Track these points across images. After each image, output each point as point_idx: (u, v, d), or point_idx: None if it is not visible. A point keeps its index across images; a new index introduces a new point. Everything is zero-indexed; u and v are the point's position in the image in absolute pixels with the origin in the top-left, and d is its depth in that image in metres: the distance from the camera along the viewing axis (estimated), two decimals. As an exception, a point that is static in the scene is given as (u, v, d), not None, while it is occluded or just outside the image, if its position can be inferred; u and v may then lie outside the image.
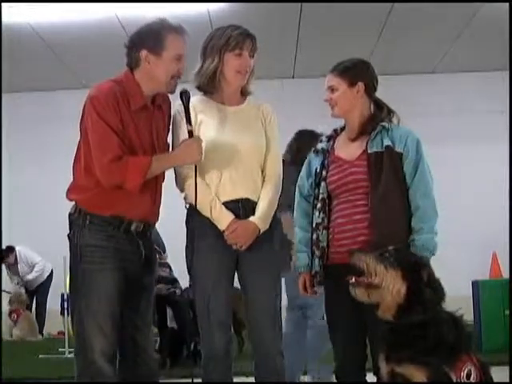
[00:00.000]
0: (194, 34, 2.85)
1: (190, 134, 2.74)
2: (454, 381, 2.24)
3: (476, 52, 9.44)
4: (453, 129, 9.91)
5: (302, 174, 2.97)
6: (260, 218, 2.78)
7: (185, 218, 2.88)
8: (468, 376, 2.26)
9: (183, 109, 2.77)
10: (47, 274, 9.66)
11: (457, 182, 8.94)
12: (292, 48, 9.24)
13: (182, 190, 2.85)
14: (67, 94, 10.26)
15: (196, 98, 2.89)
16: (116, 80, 2.71)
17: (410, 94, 9.80)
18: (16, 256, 9.64)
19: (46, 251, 9.49)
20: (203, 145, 2.74)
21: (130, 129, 2.66)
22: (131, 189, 2.65)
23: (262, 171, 2.87)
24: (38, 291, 9.75)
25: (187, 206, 2.87)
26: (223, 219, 2.75)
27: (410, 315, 2.30)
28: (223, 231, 2.75)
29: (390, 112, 2.87)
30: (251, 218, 2.78)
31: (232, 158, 2.78)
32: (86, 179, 2.69)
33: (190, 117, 2.76)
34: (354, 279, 2.39)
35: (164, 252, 6.27)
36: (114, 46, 9.65)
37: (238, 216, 2.77)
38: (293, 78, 10.40)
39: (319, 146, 2.93)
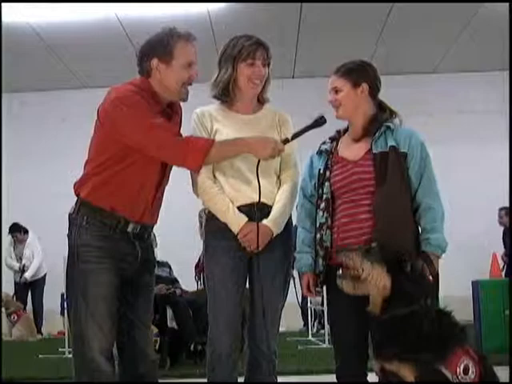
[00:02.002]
0: (194, 34, 2.85)
1: (286, 140, 2.76)
2: (450, 377, 2.22)
3: (476, 52, 9.45)
4: (453, 129, 9.92)
5: (304, 175, 2.98)
6: (273, 221, 2.81)
7: (186, 220, 2.89)
8: (465, 371, 2.24)
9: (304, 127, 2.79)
10: (43, 273, 9.69)
11: (457, 182, 8.94)
12: (292, 48, 9.25)
13: (198, 196, 2.89)
14: (67, 94, 10.29)
15: (212, 107, 2.95)
16: (134, 83, 2.75)
17: (410, 94, 9.80)
18: (27, 240, 9.71)
19: (45, 251, 9.52)
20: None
21: None
22: (192, 168, 2.71)
23: (278, 177, 2.91)
24: (33, 291, 9.78)
25: (205, 211, 2.92)
26: (236, 222, 2.79)
27: (393, 309, 2.31)
28: (237, 234, 2.79)
29: (393, 113, 2.88)
30: (264, 221, 2.80)
31: (247, 164, 2.81)
32: (90, 171, 2.72)
33: (300, 135, 2.78)
34: (341, 271, 2.45)
35: None
36: (114, 46, 9.63)
37: (252, 220, 2.80)
38: (293, 78, 10.41)
39: (322, 147, 2.94)
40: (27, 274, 9.60)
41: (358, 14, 8.09)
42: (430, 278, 2.58)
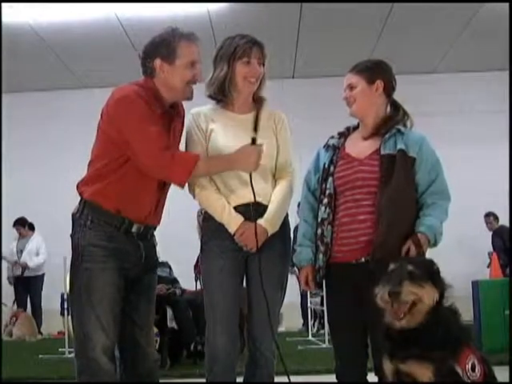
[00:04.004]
0: (196, 34, 2.85)
1: (253, 141, 2.75)
2: (460, 373, 2.24)
3: (476, 52, 9.45)
4: (453, 129, 9.92)
5: (309, 168, 2.98)
6: (268, 221, 2.80)
7: (186, 220, 2.88)
8: (473, 368, 2.27)
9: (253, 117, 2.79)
10: (41, 272, 9.69)
11: (457, 182, 8.91)
12: (292, 48, 9.25)
13: (194, 197, 2.89)
14: (67, 94, 10.29)
15: (207, 107, 2.94)
16: (138, 84, 2.75)
17: (410, 94, 9.67)
18: (31, 236, 9.74)
19: (45, 251, 9.53)
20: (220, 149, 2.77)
21: None
22: (177, 183, 2.69)
23: (274, 176, 2.91)
24: (30, 290, 9.77)
25: (202, 211, 2.91)
26: (233, 222, 2.78)
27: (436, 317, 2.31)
28: (233, 234, 2.78)
29: (405, 114, 2.88)
30: (259, 221, 2.80)
31: None
32: (95, 173, 2.71)
33: (257, 124, 2.78)
34: (395, 311, 2.32)
35: None
36: (114, 46, 9.62)
37: (248, 219, 2.80)
38: (293, 78, 10.41)
39: (330, 141, 2.94)
40: (29, 264, 9.59)
41: (358, 13, 8.09)
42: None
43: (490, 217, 9.27)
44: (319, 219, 2.82)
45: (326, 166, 2.85)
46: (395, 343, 2.32)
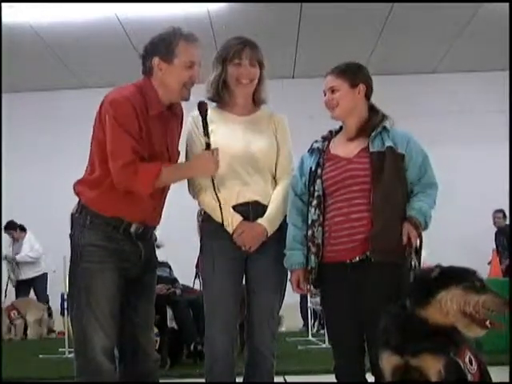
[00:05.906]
0: (196, 36, 2.85)
1: (208, 146, 2.76)
2: (462, 366, 2.28)
3: (476, 52, 9.46)
4: (453, 129, 9.93)
5: (295, 173, 2.98)
6: (268, 220, 2.81)
7: (186, 220, 2.87)
8: (470, 362, 2.31)
9: (200, 120, 2.79)
10: (41, 271, 9.67)
11: (457, 182, 8.94)
12: (292, 48, 9.26)
13: (194, 197, 2.90)
14: (67, 94, 10.29)
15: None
16: (136, 85, 2.75)
17: (409, 94, 9.82)
18: (24, 237, 9.72)
19: (45, 251, 9.52)
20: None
21: (145, 134, 2.68)
22: (142, 194, 2.69)
23: (274, 176, 2.92)
24: (34, 290, 9.74)
25: (201, 211, 2.92)
26: (231, 222, 2.79)
27: None
28: (232, 234, 2.79)
29: (384, 116, 2.90)
30: (259, 220, 2.81)
31: (242, 164, 2.82)
32: (91, 177, 2.72)
33: (207, 129, 2.78)
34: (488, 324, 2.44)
35: None
36: (114, 46, 9.62)
37: (247, 219, 2.81)
38: (293, 78, 10.42)
39: (315, 145, 2.95)
40: (17, 256, 9.58)
41: (358, 13, 8.09)
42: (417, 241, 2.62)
43: (500, 213, 9.24)
44: (309, 221, 2.82)
45: (313, 168, 2.85)
46: (406, 337, 2.32)
